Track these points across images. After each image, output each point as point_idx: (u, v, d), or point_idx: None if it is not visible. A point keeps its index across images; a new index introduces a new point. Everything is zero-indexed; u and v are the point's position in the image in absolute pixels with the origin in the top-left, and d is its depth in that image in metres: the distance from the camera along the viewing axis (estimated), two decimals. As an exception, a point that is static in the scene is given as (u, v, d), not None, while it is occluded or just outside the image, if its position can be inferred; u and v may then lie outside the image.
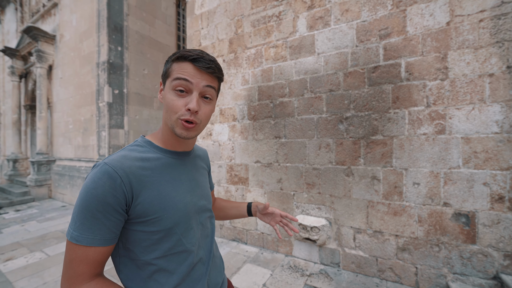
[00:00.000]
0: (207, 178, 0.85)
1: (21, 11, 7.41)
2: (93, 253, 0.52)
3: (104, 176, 0.52)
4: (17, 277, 2.50)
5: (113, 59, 4.90)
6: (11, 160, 7.14)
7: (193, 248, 0.64)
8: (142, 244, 0.58)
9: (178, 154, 0.69)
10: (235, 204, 0.99)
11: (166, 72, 0.62)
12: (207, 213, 0.75)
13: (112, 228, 0.53)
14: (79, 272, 0.52)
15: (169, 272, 0.60)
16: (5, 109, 8.26)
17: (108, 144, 4.86)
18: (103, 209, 0.51)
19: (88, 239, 0.51)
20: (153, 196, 0.58)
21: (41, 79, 6.05)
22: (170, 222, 0.59)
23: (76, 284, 0.52)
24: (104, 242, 0.53)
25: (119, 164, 0.55)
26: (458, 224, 1.95)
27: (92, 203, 0.51)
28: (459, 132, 1.95)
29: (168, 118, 0.60)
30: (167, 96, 0.60)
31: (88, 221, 0.51)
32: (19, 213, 4.88)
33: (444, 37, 2.01)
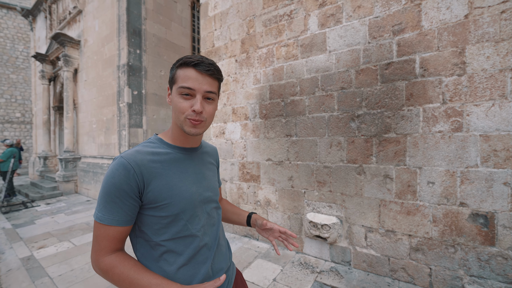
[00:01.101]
0: (215, 173, 0.91)
1: (50, 19, 7.96)
2: (112, 231, 0.63)
3: (120, 167, 0.62)
4: (48, 264, 2.74)
5: (132, 62, 5.15)
6: (42, 158, 7.71)
7: (198, 233, 0.72)
8: (154, 227, 0.67)
9: (185, 150, 0.77)
10: (236, 211, 1.03)
11: (172, 78, 0.70)
12: (212, 204, 0.82)
13: (128, 212, 0.63)
14: (102, 246, 0.63)
15: (177, 254, 0.69)
16: (37, 110, 8.92)
17: (128, 143, 5.12)
18: (119, 195, 0.61)
19: (108, 219, 0.62)
20: (162, 185, 0.66)
21: (67, 82, 6.48)
22: (177, 208, 0.68)
23: (101, 256, 0.63)
24: (121, 223, 0.63)
25: (133, 158, 0.64)
26: (476, 225, 1.87)
27: (111, 189, 0.61)
28: (477, 129, 1.87)
29: (177, 118, 0.69)
30: (175, 100, 0.68)
31: (108, 205, 0.62)
32: (49, 206, 5.28)
33: (462, 31, 1.94)
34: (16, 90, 12.01)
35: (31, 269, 2.62)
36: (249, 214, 0.99)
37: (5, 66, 11.73)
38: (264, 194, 3.07)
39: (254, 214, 0.99)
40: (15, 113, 11.98)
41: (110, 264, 0.62)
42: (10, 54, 11.88)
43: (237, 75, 3.30)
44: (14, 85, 11.94)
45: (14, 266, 2.70)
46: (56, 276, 2.48)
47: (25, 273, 2.55)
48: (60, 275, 2.50)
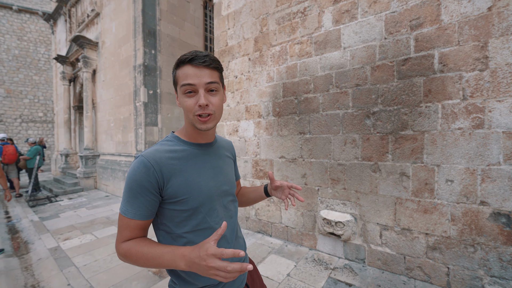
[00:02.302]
0: (232, 166, 0.93)
1: (70, 22, 8.30)
2: (134, 224, 0.69)
3: (141, 166, 0.67)
4: (73, 254, 2.92)
5: (147, 62, 5.30)
6: (64, 155, 8.11)
7: (216, 226, 0.76)
8: (175, 220, 0.72)
9: (200, 146, 0.80)
10: (254, 188, 1.06)
11: (174, 80, 0.72)
12: (229, 197, 0.85)
13: (149, 207, 0.68)
14: (123, 236, 0.70)
15: None
16: (58, 110, 9.37)
17: (144, 140, 5.30)
18: (141, 191, 0.66)
19: (131, 213, 0.67)
20: (181, 181, 0.70)
21: (86, 82, 6.77)
22: (196, 202, 0.71)
23: (120, 242, 0.70)
24: (142, 217, 0.68)
25: (152, 156, 0.68)
26: (497, 225, 1.82)
27: (133, 186, 0.66)
28: (500, 126, 1.81)
29: (187, 117, 0.72)
30: (181, 100, 0.71)
31: (131, 199, 0.67)
32: (72, 201, 5.57)
33: (484, 24, 1.87)
34: (39, 90, 12.64)
35: (59, 259, 2.80)
36: (265, 185, 1.01)
37: (29, 68, 12.36)
38: (277, 191, 3.10)
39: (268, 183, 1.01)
40: (38, 113, 12.62)
41: (127, 247, 0.68)
42: (33, 57, 12.50)
43: (250, 74, 3.34)
44: (36, 86, 12.57)
45: (44, 255, 2.89)
46: (82, 265, 2.64)
47: (53, 262, 2.72)
48: (85, 265, 2.66)
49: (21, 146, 11.54)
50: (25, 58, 12.27)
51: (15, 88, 11.93)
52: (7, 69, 11.75)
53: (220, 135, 1.02)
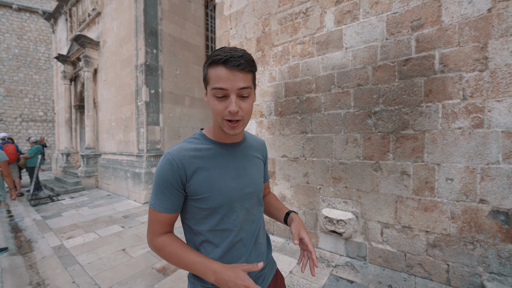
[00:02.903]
0: (261, 168, 0.88)
1: (70, 21, 8.30)
2: (162, 217, 0.73)
3: (166, 163, 0.70)
4: (77, 252, 2.94)
5: (149, 61, 5.32)
6: (65, 154, 8.13)
7: (234, 228, 0.75)
8: (195, 217, 0.75)
9: (226, 145, 0.78)
10: (278, 206, 0.99)
11: (205, 78, 0.69)
12: (253, 200, 0.81)
13: (175, 201, 0.72)
14: (155, 229, 0.74)
15: (214, 245, 0.74)
16: (59, 109, 9.38)
17: (146, 140, 5.32)
18: (167, 186, 0.70)
19: (159, 207, 0.72)
20: (202, 180, 0.71)
21: (88, 81, 6.78)
22: (215, 203, 0.72)
23: (154, 237, 0.74)
24: (169, 211, 0.72)
25: (177, 154, 0.71)
26: (496, 222, 1.86)
27: (160, 181, 0.70)
28: (499, 125, 1.85)
29: (216, 120, 0.70)
30: (211, 101, 0.68)
31: (159, 194, 0.71)
32: (73, 200, 5.60)
33: (484, 25, 1.91)
34: (39, 90, 12.64)
35: (63, 257, 2.83)
36: (288, 212, 0.93)
37: (29, 67, 12.35)
38: (279, 190, 3.13)
39: (293, 213, 0.91)
40: (38, 112, 12.62)
41: (162, 243, 0.72)
42: (33, 56, 12.49)
43: (252, 73, 3.36)
44: (37, 85, 12.56)
45: (48, 254, 2.92)
46: (86, 263, 2.67)
47: (57, 261, 2.75)
48: (89, 263, 2.69)
49: (21, 146, 11.55)
50: (25, 57, 12.25)
51: (15, 87, 11.92)
52: (7, 68, 11.74)
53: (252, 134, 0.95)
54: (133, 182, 5.41)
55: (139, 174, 5.25)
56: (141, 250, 2.96)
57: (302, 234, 0.80)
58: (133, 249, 2.99)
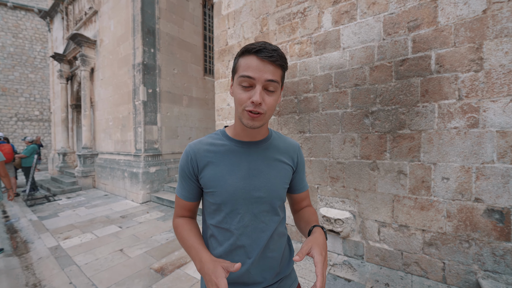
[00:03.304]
0: (283, 173, 0.78)
1: (67, 19, 8.23)
2: (182, 203, 0.80)
3: (184, 154, 0.76)
4: (74, 253, 2.93)
5: (147, 61, 5.30)
6: (61, 154, 8.06)
7: (235, 231, 0.72)
8: (207, 209, 0.79)
9: (242, 143, 0.75)
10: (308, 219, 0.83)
11: (234, 68, 0.68)
12: (264, 206, 0.74)
13: (189, 190, 0.78)
14: (177, 211, 0.82)
15: (218, 242, 0.75)
16: (55, 109, 9.30)
17: (144, 139, 5.30)
18: (184, 175, 0.76)
19: (178, 192, 0.80)
20: (211, 174, 0.73)
21: (84, 81, 6.73)
22: (219, 199, 0.72)
23: (174, 217, 0.84)
24: (186, 198, 0.79)
25: (193, 146, 0.76)
26: (491, 221, 1.89)
27: (180, 170, 0.78)
28: (494, 125, 1.87)
29: (236, 110, 0.67)
30: (235, 91, 0.66)
31: (180, 182, 0.79)
32: (70, 200, 5.56)
33: (479, 26, 1.93)
34: (35, 89, 12.51)
35: (60, 258, 2.81)
36: (312, 227, 0.75)
37: (24, 66, 12.22)
38: (277, 189, 3.14)
39: (318, 227, 0.74)
40: (34, 111, 12.50)
41: (176, 224, 0.80)
42: (29, 55, 12.36)
43: (250, 73, 3.36)
44: (32, 84, 12.44)
45: (44, 254, 2.90)
46: (83, 264, 2.65)
47: (54, 261, 2.73)
48: (86, 263, 2.67)
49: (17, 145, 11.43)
50: (20, 56, 12.12)
51: (11, 86, 11.80)
52: (2, 67, 11.61)
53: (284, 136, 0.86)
54: (130, 182, 5.39)
55: (136, 174, 5.22)
56: (139, 251, 2.95)
57: (313, 252, 0.62)
58: (131, 250, 2.98)
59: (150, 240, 3.26)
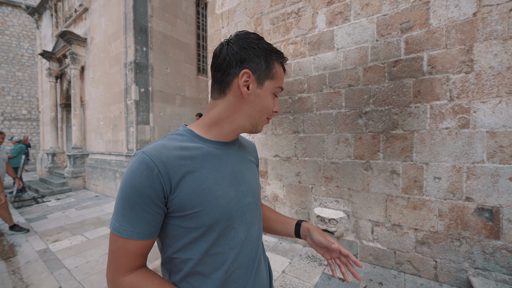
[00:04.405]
0: (256, 173, 0.73)
1: (56, 16, 8.02)
2: (133, 246, 0.51)
3: (141, 166, 0.49)
4: (64, 256, 2.85)
5: (139, 59, 5.21)
6: (50, 154, 7.85)
7: (232, 251, 0.58)
8: (180, 241, 0.55)
9: (220, 144, 0.62)
10: (281, 218, 0.83)
11: (269, 72, 0.59)
12: (254, 213, 0.66)
13: (152, 222, 0.51)
14: (121, 264, 0.51)
15: (204, 276, 0.56)
16: (44, 108, 9.05)
17: (136, 139, 5.21)
18: (141, 201, 0.49)
19: (128, 232, 0.50)
20: (193, 188, 0.53)
21: (74, 79, 6.57)
22: (210, 219, 0.54)
23: (119, 275, 0.52)
24: (143, 236, 0.51)
25: (157, 154, 0.51)
26: (481, 219, 1.93)
27: (131, 194, 0.49)
28: (484, 126, 1.91)
29: (258, 117, 0.61)
30: (267, 98, 0.60)
31: (128, 213, 0.49)
32: (60, 201, 5.41)
33: (470, 29, 1.97)
34: (22, 87, 12.15)
35: (48, 261, 2.73)
36: (298, 222, 0.78)
37: (11, 64, 11.85)
38: (271, 190, 3.14)
39: (305, 222, 0.77)
40: (22, 110, 12.13)
41: (131, 285, 0.51)
42: (16, 52, 11.99)
43: (245, 73, 3.34)
44: (20, 82, 12.07)
45: (32, 258, 2.81)
46: (73, 267, 2.58)
47: (43, 265, 2.65)
48: (77, 266, 2.60)
49: (3, 145, 11.07)
50: (7, 53, 11.74)
51: (-3, 85, 11.42)
52: (-12, 65, 11.22)
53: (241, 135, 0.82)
54: (122, 183, 5.29)
55: (128, 175, 5.13)
56: (131, 253, 2.89)
57: (330, 239, 0.69)
58: (123, 252, 2.92)
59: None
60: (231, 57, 0.57)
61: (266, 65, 0.58)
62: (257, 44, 0.57)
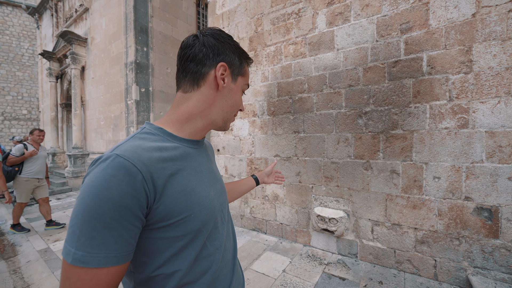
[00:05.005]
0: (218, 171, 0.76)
1: (56, 16, 8.03)
2: (105, 276, 0.40)
3: (119, 173, 0.41)
4: (65, 255, 2.85)
5: (139, 59, 5.22)
6: (51, 154, 7.85)
7: (217, 251, 0.57)
8: (163, 255, 0.48)
9: (194, 143, 0.59)
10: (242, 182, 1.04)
11: (241, 70, 0.61)
12: (227, 209, 0.68)
13: (130, 240, 0.42)
14: None
15: (192, 284, 0.52)
16: (44, 107, 9.06)
17: (136, 139, 5.22)
18: (119, 216, 0.40)
19: (99, 259, 0.39)
20: (177, 192, 0.48)
21: (75, 79, 6.58)
22: (198, 223, 0.50)
23: None
24: (121, 259, 0.41)
25: (136, 156, 0.44)
26: (480, 219, 1.94)
27: (105, 209, 0.39)
28: (483, 126, 1.93)
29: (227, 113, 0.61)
30: (238, 94, 0.62)
31: (99, 235, 0.38)
32: (60, 201, 5.42)
33: (469, 30, 1.98)
34: (22, 87, 12.14)
35: (49, 261, 2.74)
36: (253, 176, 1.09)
37: (11, 64, 11.85)
38: (272, 189, 3.15)
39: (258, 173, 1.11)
40: (22, 110, 12.13)
41: None
42: (16, 52, 11.99)
43: (245, 73, 3.36)
44: (20, 82, 12.07)
45: (33, 257, 2.82)
46: (74, 266, 2.59)
47: (44, 264, 2.66)
48: (78, 266, 2.61)
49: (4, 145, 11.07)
50: (7, 53, 11.74)
51: (-3, 85, 11.42)
52: (-12, 65, 11.22)
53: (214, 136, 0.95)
54: (123, 183, 5.30)
55: (129, 175, 5.14)
56: (132, 252, 2.90)
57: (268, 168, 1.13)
58: (124, 251, 2.93)
59: None
60: (208, 49, 0.54)
61: (239, 62, 0.59)
62: (231, 41, 0.59)
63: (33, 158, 3.52)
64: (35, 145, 3.59)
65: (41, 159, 3.64)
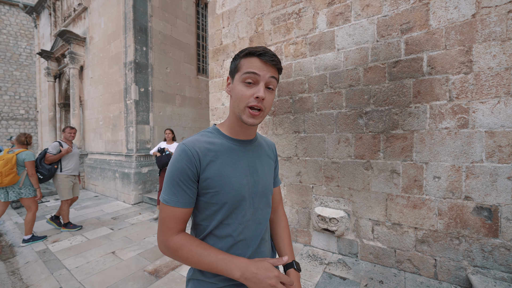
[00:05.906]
0: (271, 168, 0.88)
1: (54, 16, 7.98)
2: (178, 212, 0.69)
3: (183, 153, 0.68)
4: (64, 256, 2.84)
5: (139, 59, 5.20)
6: (48, 154, 7.80)
7: (239, 226, 0.73)
8: (204, 212, 0.73)
9: (239, 142, 0.78)
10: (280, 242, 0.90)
11: (236, 68, 0.71)
12: (263, 200, 0.81)
13: (190, 194, 0.69)
14: (170, 227, 0.69)
15: (217, 238, 0.73)
16: (42, 107, 8.99)
17: (136, 139, 5.20)
18: (183, 178, 0.67)
19: (174, 201, 0.68)
20: (215, 173, 0.70)
21: (73, 79, 6.54)
22: (225, 198, 0.71)
23: (169, 236, 0.69)
24: (184, 205, 0.69)
25: (193, 145, 0.70)
26: (480, 218, 1.95)
27: (176, 173, 0.68)
28: (483, 126, 1.94)
29: (237, 107, 0.70)
30: (237, 88, 0.69)
31: (174, 188, 0.68)
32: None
33: (469, 30, 1.99)
34: (20, 87, 12.06)
35: (48, 262, 2.72)
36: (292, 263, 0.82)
37: (9, 63, 11.76)
38: (272, 189, 3.14)
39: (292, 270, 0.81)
40: (19, 110, 12.04)
41: (179, 243, 0.68)
42: (13, 51, 11.90)
43: (245, 73, 3.36)
44: (17, 82, 11.98)
45: (31, 258, 2.80)
46: (73, 268, 2.58)
47: (42, 265, 2.64)
48: (77, 267, 2.59)
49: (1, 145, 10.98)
50: (4, 53, 11.66)
51: (-6, 84, 11.33)
52: (-15, 64, 11.13)
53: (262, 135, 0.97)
54: (122, 183, 5.28)
55: (128, 175, 5.12)
56: (132, 253, 2.89)
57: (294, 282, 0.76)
58: (123, 252, 2.92)
59: (143, 242, 3.20)
60: None
61: (234, 66, 0.72)
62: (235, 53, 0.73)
63: (69, 155, 3.64)
64: (68, 143, 3.67)
65: (75, 156, 3.75)
